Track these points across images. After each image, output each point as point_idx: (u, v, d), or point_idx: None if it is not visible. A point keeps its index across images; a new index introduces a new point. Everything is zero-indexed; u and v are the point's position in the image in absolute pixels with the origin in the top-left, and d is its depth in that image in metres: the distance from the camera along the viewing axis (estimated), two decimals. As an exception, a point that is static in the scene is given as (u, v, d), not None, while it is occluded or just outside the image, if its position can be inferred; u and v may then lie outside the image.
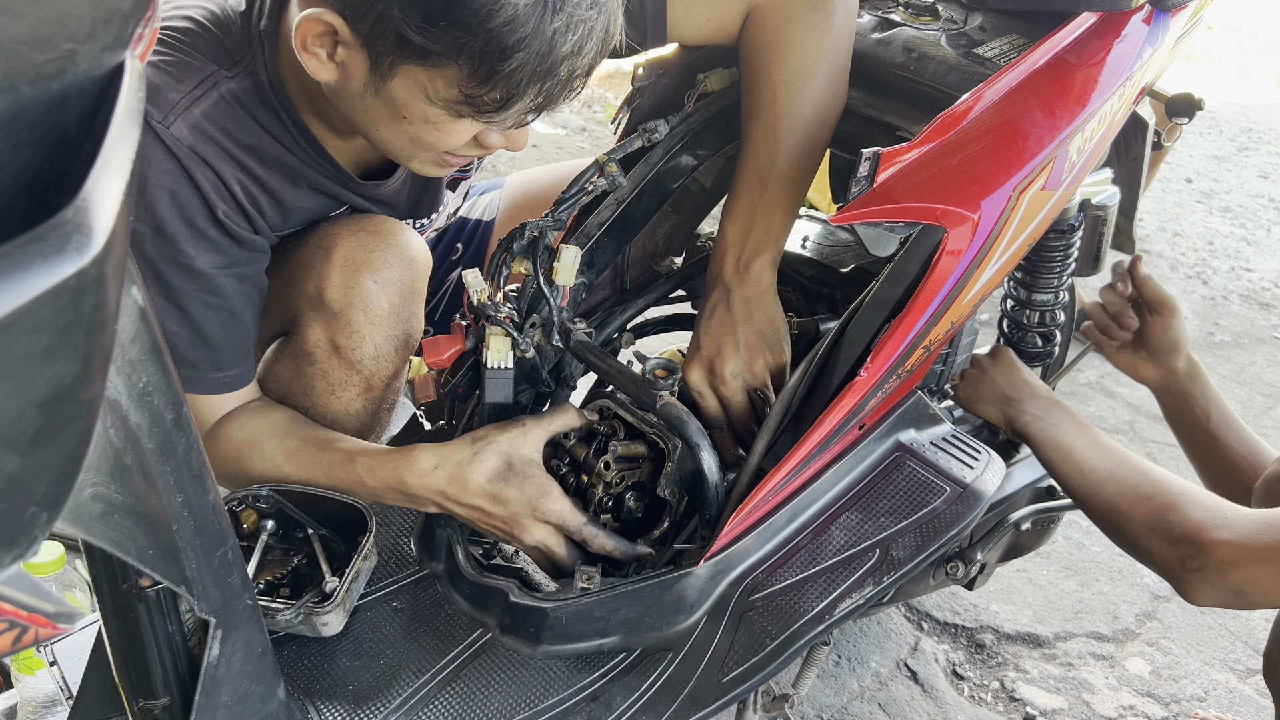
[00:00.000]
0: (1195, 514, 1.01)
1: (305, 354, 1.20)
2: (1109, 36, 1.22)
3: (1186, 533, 1.00)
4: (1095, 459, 1.13)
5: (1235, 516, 1.00)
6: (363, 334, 1.19)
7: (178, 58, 1.03)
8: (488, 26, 0.90)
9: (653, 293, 1.39)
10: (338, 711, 0.94)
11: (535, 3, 0.90)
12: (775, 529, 1.05)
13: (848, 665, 1.75)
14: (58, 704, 1.15)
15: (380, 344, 1.20)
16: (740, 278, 1.17)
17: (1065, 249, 1.40)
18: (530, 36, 0.91)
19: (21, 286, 0.36)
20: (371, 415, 1.26)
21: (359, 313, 1.18)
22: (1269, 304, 3.39)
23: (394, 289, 1.20)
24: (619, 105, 1.40)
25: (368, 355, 1.20)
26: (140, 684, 0.74)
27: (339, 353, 1.19)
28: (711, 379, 1.16)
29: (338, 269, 1.17)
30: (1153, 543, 1.03)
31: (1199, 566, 0.98)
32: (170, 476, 0.61)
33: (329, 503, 1.06)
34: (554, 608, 0.99)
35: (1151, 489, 1.06)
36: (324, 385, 1.21)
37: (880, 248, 1.22)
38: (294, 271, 1.20)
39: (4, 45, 0.39)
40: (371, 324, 1.19)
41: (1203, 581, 0.99)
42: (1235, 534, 0.98)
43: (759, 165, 1.17)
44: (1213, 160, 4.62)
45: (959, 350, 1.39)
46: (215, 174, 1.06)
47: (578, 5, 0.93)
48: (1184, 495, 1.03)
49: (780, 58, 1.16)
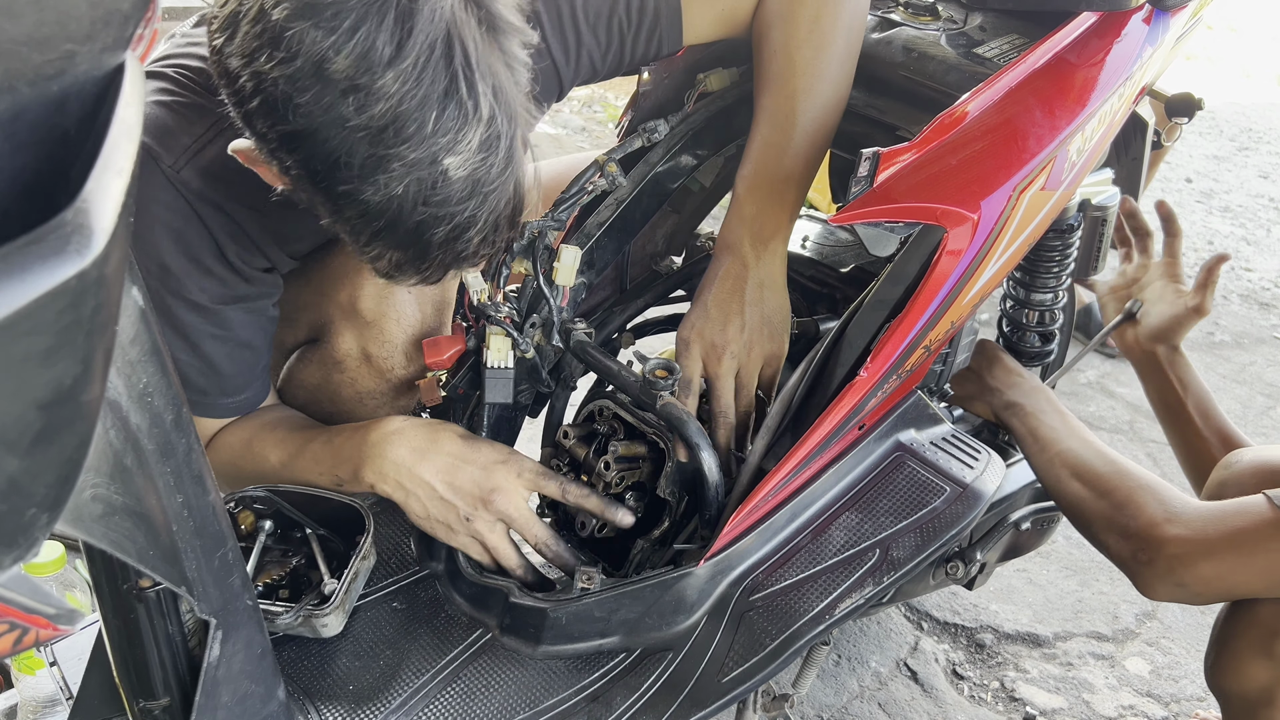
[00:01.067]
0: (1149, 509, 1.01)
1: (335, 362, 1.21)
2: (1109, 36, 1.22)
3: (1140, 528, 1.01)
4: (1068, 450, 1.13)
5: (1186, 511, 1.00)
6: (395, 343, 1.20)
7: (190, 99, 1.01)
8: (356, 206, 0.84)
9: (652, 293, 1.39)
10: (338, 712, 0.94)
11: (398, 194, 0.83)
12: (775, 529, 1.05)
13: (848, 665, 1.75)
14: (58, 704, 1.14)
15: (412, 354, 1.21)
16: (758, 254, 1.16)
17: (1065, 249, 1.40)
18: (393, 223, 0.85)
19: (22, 288, 0.36)
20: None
21: (392, 322, 1.18)
22: (1269, 304, 3.39)
23: (426, 299, 1.21)
24: (622, 107, 1.40)
25: (399, 365, 1.21)
26: (140, 684, 0.74)
27: (370, 361, 1.20)
28: (708, 352, 1.15)
29: (371, 279, 1.16)
30: (1109, 537, 1.04)
31: (1149, 560, 1.00)
32: (170, 477, 0.61)
33: (326, 503, 1.06)
34: (554, 608, 0.99)
35: (1115, 483, 1.06)
36: (352, 393, 1.22)
37: (880, 248, 1.22)
38: (325, 281, 1.21)
39: (4, 46, 0.39)
40: (404, 334, 1.20)
41: (1153, 576, 1.00)
42: (1185, 528, 0.98)
43: (776, 139, 1.15)
44: (1213, 160, 4.62)
45: (959, 350, 1.39)
46: (227, 216, 1.04)
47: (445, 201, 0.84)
48: (1143, 489, 1.04)
49: (796, 30, 1.15)
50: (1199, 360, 3.02)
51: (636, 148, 1.26)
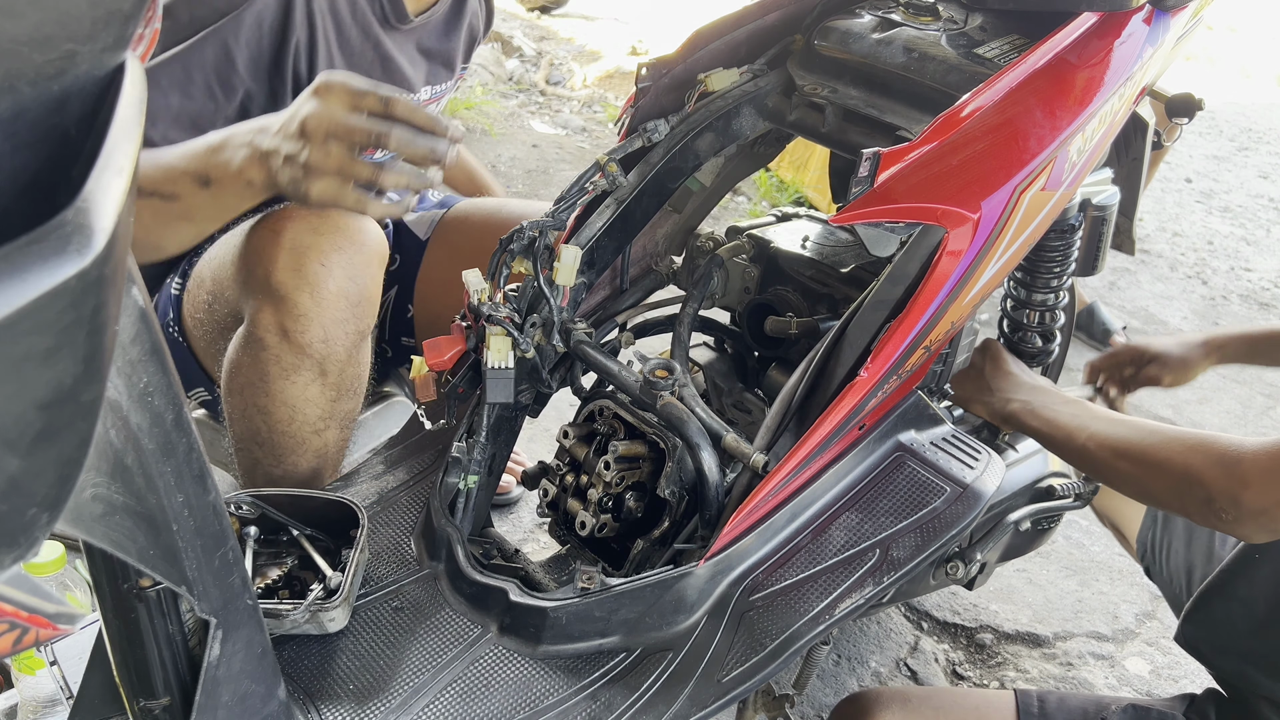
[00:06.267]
0: (1210, 476, 1.01)
1: (257, 340, 1.19)
2: (1109, 36, 1.22)
3: (1212, 496, 1.01)
4: (1099, 433, 1.12)
5: (1245, 462, 0.99)
6: (310, 317, 1.17)
7: None
8: None
9: (653, 293, 1.39)
10: (338, 711, 0.94)
11: None
12: (775, 529, 1.05)
13: (848, 665, 1.75)
14: (58, 704, 1.14)
15: (329, 327, 1.19)
16: None
17: (1065, 249, 1.40)
18: None
19: (22, 288, 0.36)
20: (331, 402, 1.25)
21: (305, 295, 1.17)
22: (1269, 304, 3.40)
23: (341, 272, 1.18)
24: (621, 106, 1.40)
25: (316, 339, 1.19)
26: (141, 684, 0.74)
27: (287, 337, 1.18)
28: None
29: (285, 251, 1.16)
30: (1185, 511, 1.05)
31: (1235, 519, 1.00)
32: (171, 477, 0.61)
33: (311, 502, 1.07)
34: (554, 608, 0.99)
35: (1163, 454, 1.06)
36: (278, 370, 1.20)
37: (880, 248, 1.22)
38: (245, 258, 1.21)
39: (4, 46, 0.39)
40: (318, 307, 1.17)
41: (1246, 532, 1.02)
42: (1255, 483, 0.98)
43: None
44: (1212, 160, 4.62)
45: (959, 350, 1.39)
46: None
47: None
48: (1193, 452, 1.03)
49: None
50: (1199, 360, 3.01)
51: (637, 148, 1.26)
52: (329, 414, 1.26)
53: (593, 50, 5.15)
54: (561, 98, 4.64)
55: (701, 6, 3.18)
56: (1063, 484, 1.43)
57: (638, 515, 1.13)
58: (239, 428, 1.26)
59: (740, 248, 1.42)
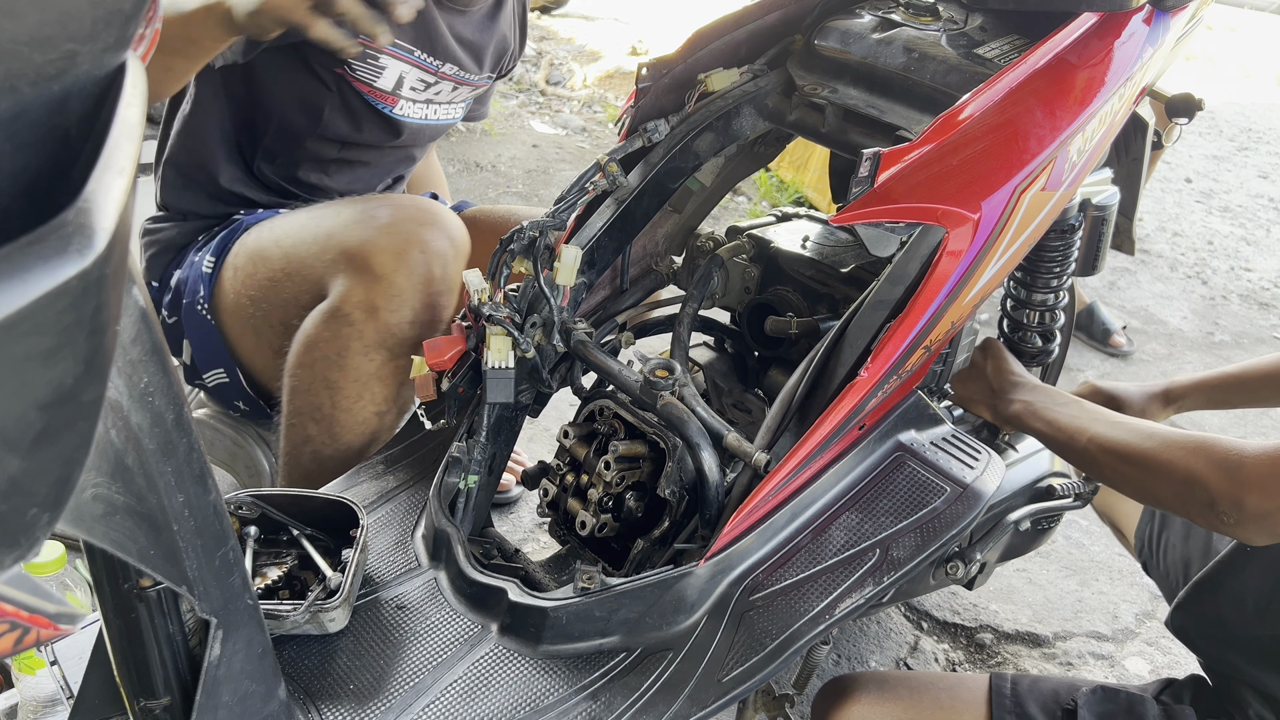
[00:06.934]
0: (1212, 480, 1.01)
1: (343, 315, 1.26)
2: (1109, 37, 1.22)
3: (1212, 500, 1.01)
4: (1100, 435, 1.12)
5: (1246, 466, 1.00)
6: (403, 299, 1.25)
7: None
8: None
9: (653, 293, 1.39)
10: (338, 711, 0.94)
11: None
12: (775, 529, 1.05)
13: (848, 665, 1.75)
14: (58, 704, 1.14)
15: (419, 311, 1.26)
16: None
17: (1065, 249, 1.40)
18: None
19: (23, 288, 0.36)
20: (399, 385, 1.31)
21: (403, 277, 1.24)
22: (1268, 304, 3.40)
23: (438, 262, 1.26)
24: (621, 106, 1.40)
25: (404, 320, 1.26)
26: (141, 684, 0.74)
27: (375, 315, 1.25)
28: None
29: (390, 235, 1.24)
30: (1189, 512, 1.06)
31: (1237, 521, 1.01)
32: (171, 477, 0.61)
33: (310, 502, 1.07)
34: (554, 607, 0.99)
35: (1164, 457, 1.06)
36: (359, 345, 1.26)
37: (880, 248, 1.22)
38: (341, 236, 1.27)
39: (5, 46, 0.39)
40: (413, 290, 1.25)
41: (1248, 534, 1.02)
42: (1256, 486, 0.98)
43: None
44: (1212, 160, 4.62)
45: (959, 350, 1.39)
46: None
47: None
48: (1194, 455, 1.03)
49: None
50: (1199, 360, 3.02)
51: (637, 148, 1.26)
52: (393, 398, 1.32)
53: (593, 50, 5.15)
54: (561, 98, 4.64)
55: (701, 6, 3.18)
56: (1063, 484, 1.42)
57: (638, 515, 1.13)
58: (300, 401, 1.30)
59: (740, 248, 1.42)
